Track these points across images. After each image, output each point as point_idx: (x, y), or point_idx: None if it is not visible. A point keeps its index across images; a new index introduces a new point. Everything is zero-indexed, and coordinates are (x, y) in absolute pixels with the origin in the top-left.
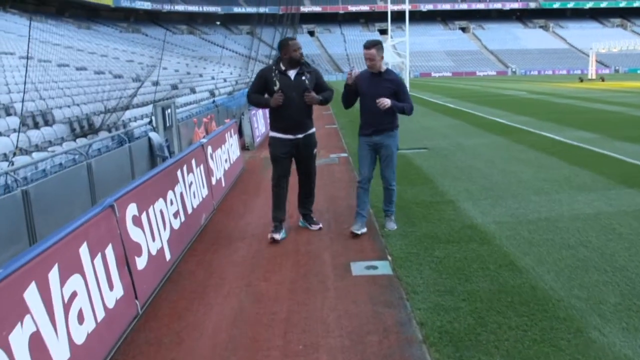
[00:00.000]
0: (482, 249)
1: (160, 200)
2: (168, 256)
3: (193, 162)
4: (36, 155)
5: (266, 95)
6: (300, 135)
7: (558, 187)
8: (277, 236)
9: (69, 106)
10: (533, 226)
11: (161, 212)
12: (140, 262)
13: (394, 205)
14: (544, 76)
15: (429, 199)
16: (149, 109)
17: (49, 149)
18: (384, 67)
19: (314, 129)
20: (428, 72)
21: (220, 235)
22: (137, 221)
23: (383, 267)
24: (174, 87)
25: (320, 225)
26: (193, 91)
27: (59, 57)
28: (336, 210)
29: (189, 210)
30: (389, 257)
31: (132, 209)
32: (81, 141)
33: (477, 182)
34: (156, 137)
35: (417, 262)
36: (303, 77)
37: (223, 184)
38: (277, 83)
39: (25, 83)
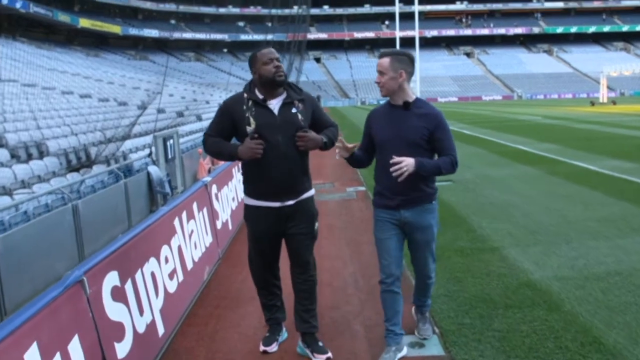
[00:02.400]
0: (552, 317)
1: (152, 260)
2: (161, 330)
3: (194, 206)
4: (18, 196)
5: (233, 141)
6: (290, 202)
7: (616, 229)
8: (271, 348)
9: (66, 136)
10: (604, 284)
11: (153, 275)
12: (122, 349)
13: (430, 297)
14: (551, 100)
15: (469, 244)
16: (151, 138)
17: (35, 186)
18: (412, 96)
19: (312, 192)
20: (434, 97)
21: (227, 294)
22: (118, 294)
23: (432, 345)
24: (180, 114)
25: (330, 355)
26: (199, 118)
27: (65, 84)
28: (362, 259)
29: (189, 266)
30: (437, 330)
31: (111, 279)
32: (73, 177)
33: (518, 222)
34: (156, 172)
35: (474, 337)
36: (293, 109)
37: (230, 227)
38: (252, 121)
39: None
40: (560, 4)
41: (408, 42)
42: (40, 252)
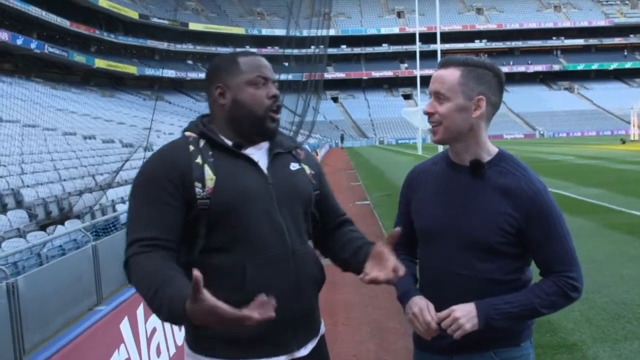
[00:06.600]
0: None
1: None
2: None
3: None
4: None
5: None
6: (302, 353)
7: None
8: None
9: (52, 182)
10: None
11: None
12: None
13: None
14: (575, 138)
15: (534, 337)
16: None
17: None
18: (492, 149)
19: (323, 328)
20: None
21: None
22: None
23: None
24: None
25: None
26: None
27: (70, 125)
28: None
29: None
30: None
31: None
32: (36, 236)
33: (593, 300)
34: None
35: None
36: (292, 165)
37: None
38: (210, 174)
39: None
40: (581, 41)
41: (427, 80)
42: None
